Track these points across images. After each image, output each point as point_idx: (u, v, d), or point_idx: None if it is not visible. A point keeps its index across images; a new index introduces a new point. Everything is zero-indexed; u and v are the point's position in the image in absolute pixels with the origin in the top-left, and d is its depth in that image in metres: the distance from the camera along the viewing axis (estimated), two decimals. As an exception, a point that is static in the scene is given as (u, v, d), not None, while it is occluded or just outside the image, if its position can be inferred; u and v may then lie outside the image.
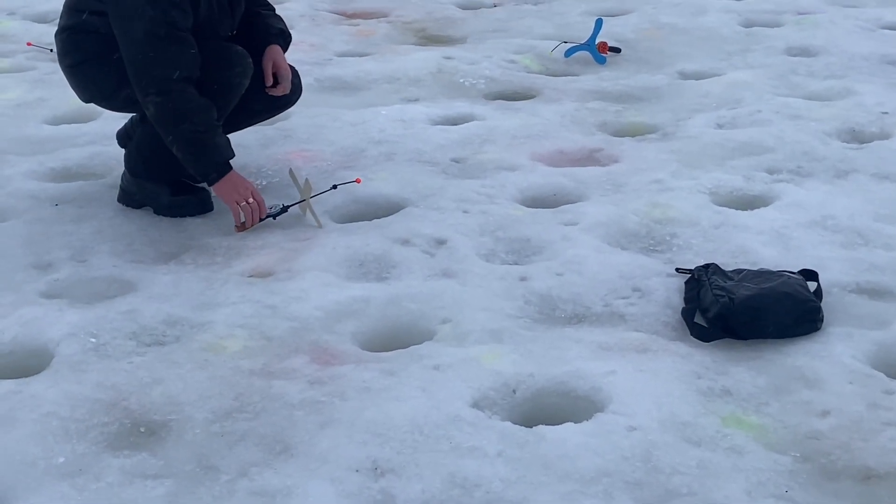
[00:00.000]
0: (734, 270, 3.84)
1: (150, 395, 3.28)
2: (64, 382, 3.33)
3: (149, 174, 4.46)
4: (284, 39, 4.62)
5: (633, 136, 5.36)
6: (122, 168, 4.60)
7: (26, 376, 3.40)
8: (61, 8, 4.48)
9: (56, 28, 4.47)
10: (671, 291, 3.84)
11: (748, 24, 7.10)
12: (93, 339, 3.57)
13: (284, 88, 4.57)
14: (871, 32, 6.79)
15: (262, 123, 5.07)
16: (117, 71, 4.25)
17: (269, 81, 4.53)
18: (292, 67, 4.64)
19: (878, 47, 6.52)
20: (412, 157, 5.02)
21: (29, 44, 6.55)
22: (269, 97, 4.58)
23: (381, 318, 3.72)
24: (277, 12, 4.76)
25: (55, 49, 4.50)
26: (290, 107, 4.82)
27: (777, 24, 7.08)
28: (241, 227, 4.29)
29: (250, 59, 4.38)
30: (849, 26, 6.87)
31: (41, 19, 7.36)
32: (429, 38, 7.14)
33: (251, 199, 4.27)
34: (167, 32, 4.09)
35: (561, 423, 3.12)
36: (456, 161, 5.00)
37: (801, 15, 7.20)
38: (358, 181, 4.49)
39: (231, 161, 4.30)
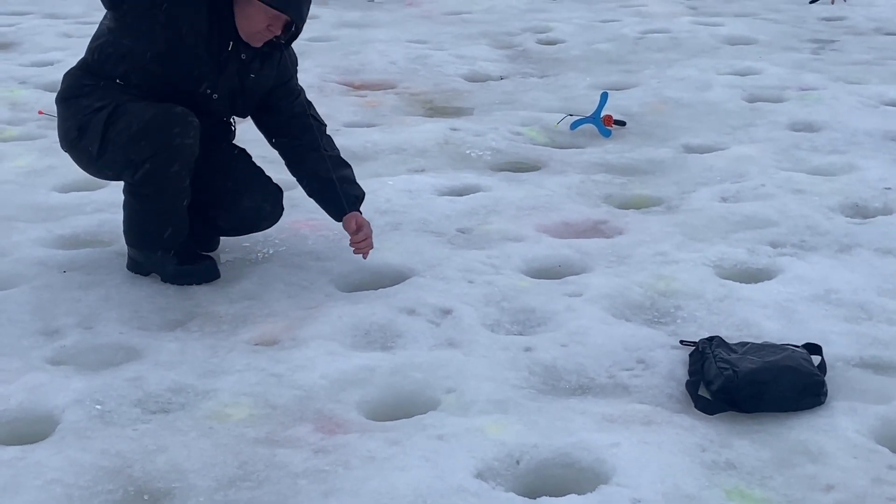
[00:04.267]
0: (738, 343, 3.86)
1: (155, 462, 3.29)
2: (69, 449, 3.33)
3: (142, 245, 4.49)
4: (359, 202, 4.62)
5: (637, 208, 5.39)
6: (128, 236, 4.64)
7: (31, 443, 3.41)
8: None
9: None
10: (675, 364, 3.85)
11: (752, 100, 7.17)
12: (98, 406, 3.58)
13: (366, 248, 4.56)
14: (874, 109, 6.86)
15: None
16: (100, 135, 4.25)
17: (356, 245, 4.53)
18: (276, 188, 4.68)
19: (881, 123, 6.58)
20: (418, 228, 5.06)
21: (40, 112, 6.62)
22: (235, 217, 4.61)
23: (386, 387, 3.73)
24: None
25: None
26: (260, 230, 4.78)
27: (780, 100, 7.14)
28: None
29: (193, 119, 4.27)
30: (852, 102, 6.94)
31: (52, 88, 7.36)
32: (436, 110, 7.22)
33: None
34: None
35: (565, 495, 3.12)
36: (462, 231, 5.03)
37: (804, 91, 7.27)
38: None
39: None
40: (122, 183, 4.94)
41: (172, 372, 3.80)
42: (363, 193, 4.68)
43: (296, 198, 5.36)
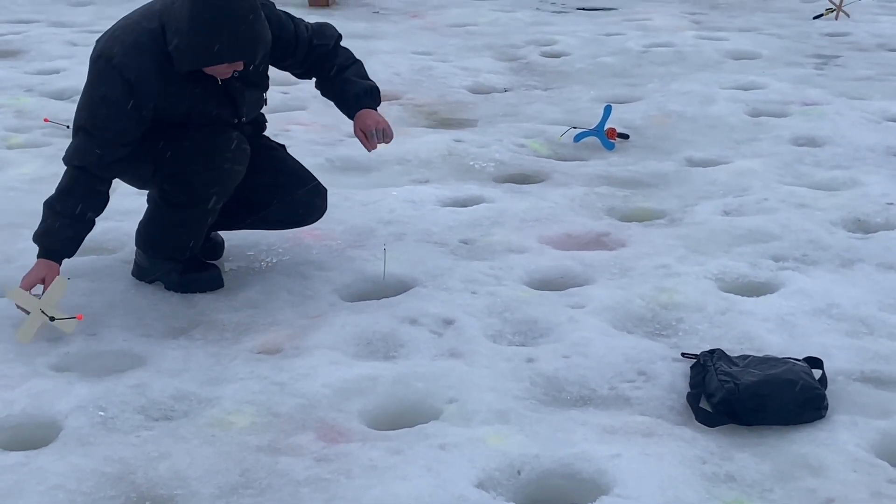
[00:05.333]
0: (739, 356, 3.87)
1: (157, 469, 3.30)
2: (71, 455, 3.35)
3: (154, 252, 4.51)
4: (370, 99, 4.55)
5: (640, 221, 5.41)
6: (133, 243, 4.65)
7: (34, 448, 3.42)
8: (79, 85, 4.56)
9: None
10: (676, 376, 3.86)
11: (755, 114, 7.19)
12: (101, 413, 3.59)
13: (383, 141, 4.54)
14: (876, 124, 6.88)
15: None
16: (153, 161, 4.32)
17: (368, 147, 4.55)
18: (323, 185, 4.72)
19: (884, 139, 6.60)
20: (421, 238, 5.07)
21: (46, 120, 6.64)
22: (287, 209, 4.64)
23: (389, 396, 3.74)
24: (300, 83, 4.71)
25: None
26: (306, 224, 4.81)
27: (784, 115, 7.16)
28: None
29: (246, 146, 4.40)
30: (855, 118, 6.96)
31: (58, 96, 7.47)
32: (440, 121, 7.24)
33: (24, 289, 4.12)
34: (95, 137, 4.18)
35: (565, 506, 3.14)
36: (465, 242, 5.05)
37: (807, 106, 7.30)
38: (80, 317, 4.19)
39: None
40: (129, 191, 4.98)
41: (175, 379, 3.81)
42: (363, 88, 4.55)
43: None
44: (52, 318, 4.05)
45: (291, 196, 4.62)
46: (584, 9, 11.35)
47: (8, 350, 4.02)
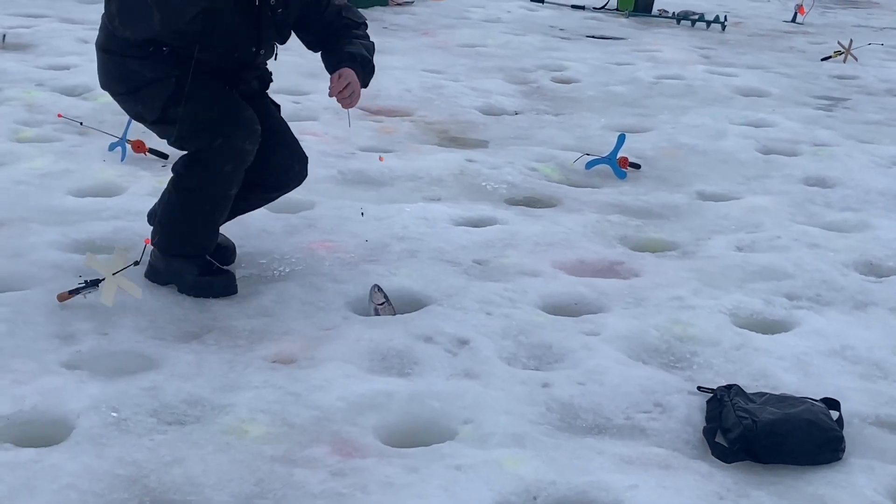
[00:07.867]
0: (756, 393, 3.85)
1: (171, 474, 3.26)
2: (84, 455, 3.31)
3: (171, 248, 4.47)
4: (355, 60, 4.46)
5: (653, 251, 5.39)
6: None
7: (46, 446, 3.37)
8: (90, 82, 4.50)
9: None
10: (692, 409, 3.83)
11: (766, 151, 7.20)
12: (114, 414, 3.55)
13: (346, 95, 4.42)
14: (886, 169, 6.88)
15: (287, 212, 5.12)
16: (129, 82, 4.31)
17: (333, 92, 4.39)
18: (304, 153, 4.68)
19: (894, 183, 6.60)
20: (435, 256, 5.04)
21: (59, 115, 6.59)
22: (264, 172, 4.54)
23: (404, 413, 3.71)
24: (311, 93, 4.71)
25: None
26: (285, 190, 4.75)
27: (794, 153, 7.17)
28: None
29: (258, 126, 4.36)
30: (864, 161, 6.97)
31: (70, 92, 7.43)
32: (451, 140, 7.22)
33: None
34: None
35: (583, 534, 3.11)
36: (478, 263, 5.02)
37: (817, 146, 7.31)
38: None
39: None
40: (140, 192, 4.95)
41: (189, 384, 3.77)
42: (362, 54, 4.51)
43: (313, 218, 5.38)
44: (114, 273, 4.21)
45: (268, 159, 4.50)
46: (593, 36, 11.37)
47: (18, 346, 3.98)
